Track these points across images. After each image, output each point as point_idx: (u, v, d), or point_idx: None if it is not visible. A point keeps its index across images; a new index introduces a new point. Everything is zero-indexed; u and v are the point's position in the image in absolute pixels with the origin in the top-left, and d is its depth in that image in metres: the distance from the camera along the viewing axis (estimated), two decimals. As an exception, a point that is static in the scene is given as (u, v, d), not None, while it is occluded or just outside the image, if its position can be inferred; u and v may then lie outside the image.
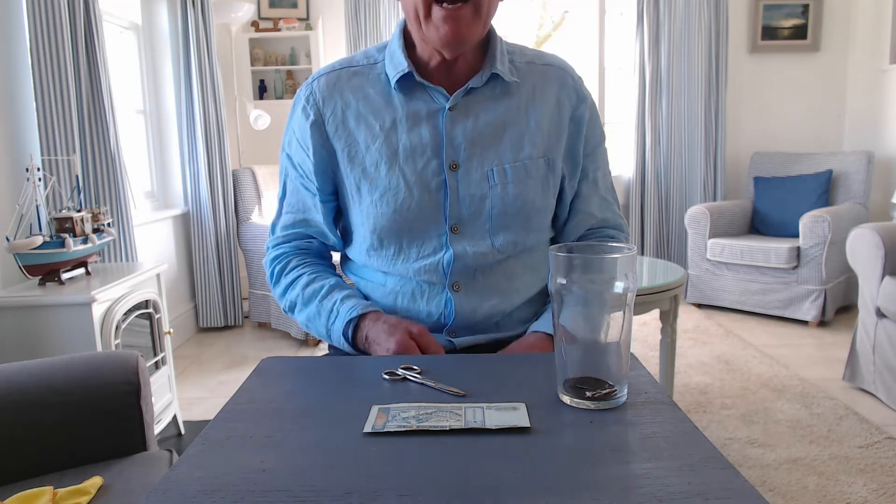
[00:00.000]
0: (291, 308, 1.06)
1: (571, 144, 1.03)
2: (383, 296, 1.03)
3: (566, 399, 0.69)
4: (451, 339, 1.01)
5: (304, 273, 1.05)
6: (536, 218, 1.00)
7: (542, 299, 1.07)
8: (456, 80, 0.98)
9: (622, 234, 1.11)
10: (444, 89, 0.97)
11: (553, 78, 1.02)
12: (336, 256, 1.16)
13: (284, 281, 1.07)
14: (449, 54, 0.94)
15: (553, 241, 1.10)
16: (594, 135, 1.06)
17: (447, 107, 0.96)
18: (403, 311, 1.01)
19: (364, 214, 0.99)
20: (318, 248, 1.10)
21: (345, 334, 0.97)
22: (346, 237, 1.09)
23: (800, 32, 4.21)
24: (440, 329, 1.01)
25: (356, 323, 0.97)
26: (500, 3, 0.95)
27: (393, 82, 0.97)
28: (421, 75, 0.97)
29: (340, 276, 1.10)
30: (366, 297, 1.07)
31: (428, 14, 0.89)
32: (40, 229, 2.05)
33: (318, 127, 1.00)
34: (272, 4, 4.14)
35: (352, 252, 1.07)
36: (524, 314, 1.04)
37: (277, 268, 1.08)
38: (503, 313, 1.01)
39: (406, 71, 0.95)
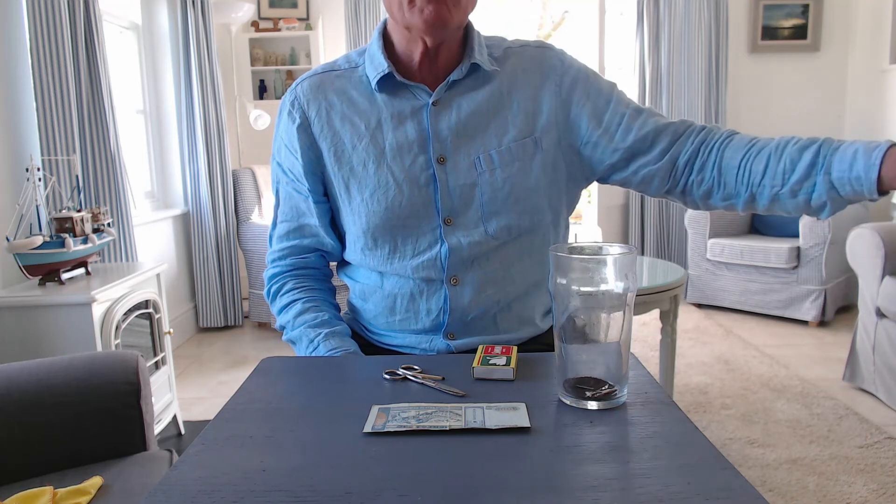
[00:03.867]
0: (282, 328, 1.08)
1: (568, 113, 1.00)
2: (381, 299, 1.03)
3: (566, 399, 0.69)
4: (450, 342, 1.00)
5: (299, 300, 1.06)
6: (528, 199, 0.99)
7: (543, 290, 1.05)
8: (437, 75, 0.98)
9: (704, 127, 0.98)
10: (426, 86, 0.97)
11: (532, 57, 1.02)
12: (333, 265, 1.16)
13: (279, 302, 1.08)
14: (431, 40, 0.94)
15: (672, 178, 0.96)
16: (601, 90, 1.00)
17: (430, 102, 0.97)
18: (402, 313, 1.01)
19: (355, 214, 1.00)
20: (315, 262, 1.10)
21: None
22: (340, 239, 1.09)
23: (800, 32, 4.21)
24: (437, 329, 1.00)
25: None
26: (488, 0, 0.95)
27: (373, 83, 0.97)
28: (402, 74, 0.98)
29: (335, 304, 1.10)
30: (362, 301, 1.06)
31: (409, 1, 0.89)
32: (40, 229, 2.05)
33: (305, 129, 1.01)
34: (272, 4, 4.14)
35: (346, 254, 1.07)
36: (524, 309, 1.02)
37: (274, 287, 1.10)
38: (499, 305, 1.00)
39: (386, 71, 0.96)
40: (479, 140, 0.97)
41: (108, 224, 2.28)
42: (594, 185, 2.85)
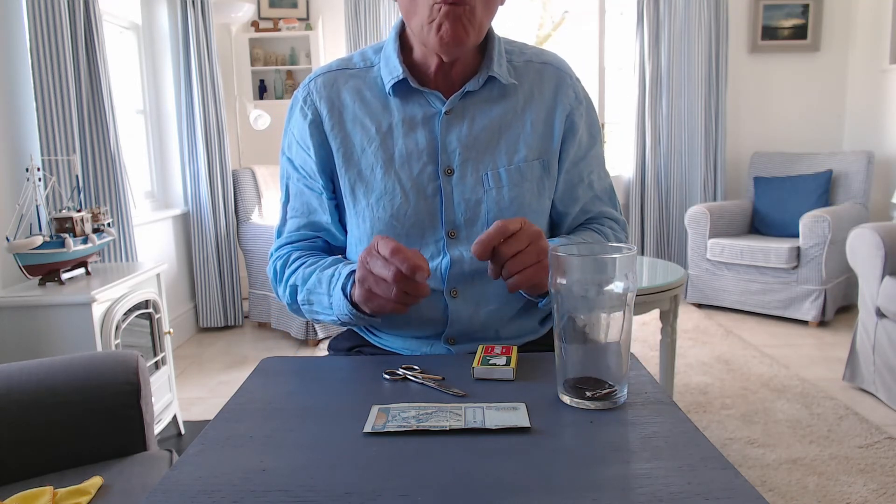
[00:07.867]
0: (294, 293, 1.00)
1: (563, 145, 1.02)
2: None
3: (566, 399, 0.69)
4: (450, 348, 1.00)
5: (307, 260, 1.01)
6: (533, 221, 0.99)
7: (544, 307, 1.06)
8: (453, 82, 0.97)
9: (619, 227, 1.09)
10: (440, 93, 0.96)
11: (551, 77, 1.02)
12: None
13: (287, 272, 1.02)
14: (446, 57, 0.93)
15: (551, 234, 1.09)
16: (588, 137, 1.05)
17: (443, 111, 0.96)
18: (402, 316, 1.00)
19: (360, 217, 0.99)
20: (322, 245, 1.08)
21: (343, 287, 0.89)
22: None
23: (800, 32, 4.21)
24: (438, 336, 1.00)
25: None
26: (499, 7, 0.95)
27: (388, 87, 0.96)
28: (417, 79, 0.96)
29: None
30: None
31: (428, 18, 0.88)
32: (40, 229, 2.05)
33: (317, 126, 0.99)
34: (272, 4, 4.14)
35: (348, 254, 1.06)
36: (524, 320, 1.03)
37: (279, 263, 1.04)
38: (502, 320, 1.00)
39: (401, 77, 0.94)
40: (489, 156, 0.97)
41: (108, 224, 2.28)
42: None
